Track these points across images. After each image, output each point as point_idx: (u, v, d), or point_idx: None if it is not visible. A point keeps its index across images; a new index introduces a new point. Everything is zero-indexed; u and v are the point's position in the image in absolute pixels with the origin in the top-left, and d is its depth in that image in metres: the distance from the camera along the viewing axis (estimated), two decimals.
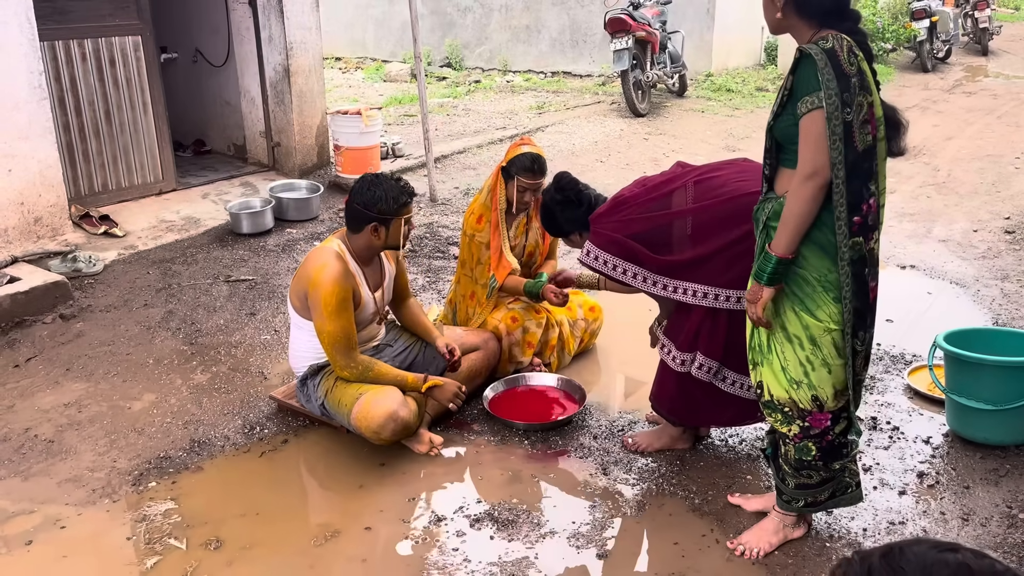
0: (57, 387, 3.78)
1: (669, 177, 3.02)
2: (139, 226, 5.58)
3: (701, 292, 2.87)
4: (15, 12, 4.73)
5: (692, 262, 2.85)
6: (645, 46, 8.89)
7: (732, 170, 2.99)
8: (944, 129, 8.70)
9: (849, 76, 2.24)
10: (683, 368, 3.00)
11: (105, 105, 5.66)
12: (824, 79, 2.23)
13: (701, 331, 2.93)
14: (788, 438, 2.57)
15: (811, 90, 2.27)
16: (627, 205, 2.99)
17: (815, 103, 2.26)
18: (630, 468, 3.17)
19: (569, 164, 7.26)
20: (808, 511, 2.71)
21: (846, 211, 2.31)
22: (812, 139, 2.28)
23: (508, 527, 2.84)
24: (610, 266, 2.95)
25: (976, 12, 13.55)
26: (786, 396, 2.52)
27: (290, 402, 3.49)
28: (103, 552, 2.77)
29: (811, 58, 2.26)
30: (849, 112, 2.25)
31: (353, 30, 13.69)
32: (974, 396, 3.17)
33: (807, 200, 2.31)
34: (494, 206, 3.77)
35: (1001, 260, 5.15)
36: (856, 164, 2.29)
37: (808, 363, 2.46)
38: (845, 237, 2.33)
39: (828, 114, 2.24)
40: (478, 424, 3.49)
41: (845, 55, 2.25)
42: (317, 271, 3.10)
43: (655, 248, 2.89)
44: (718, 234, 2.82)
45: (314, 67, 6.59)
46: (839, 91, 2.23)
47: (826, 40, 2.27)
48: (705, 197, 2.87)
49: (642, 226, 2.92)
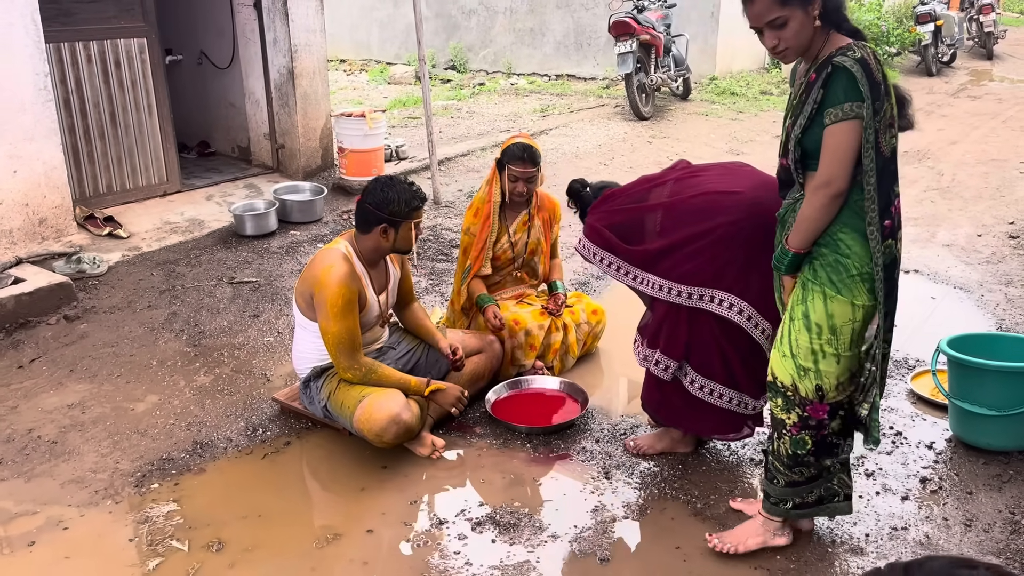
0: (61, 388, 3.79)
1: (662, 173, 3.13)
2: (143, 228, 5.59)
3: (657, 285, 2.92)
4: (21, 14, 4.75)
5: (657, 253, 2.91)
6: (649, 49, 8.90)
7: (719, 171, 3.04)
8: (949, 133, 8.68)
9: (879, 83, 2.27)
10: (645, 364, 3.06)
11: (110, 107, 5.68)
12: (864, 91, 2.25)
13: (663, 328, 2.97)
14: (786, 428, 2.56)
15: (837, 101, 2.27)
16: (615, 198, 3.10)
17: (841, 115, 2.27)
18: (632, 472, 3.16)
19: (573, 167, 7.27)
20: (795, 514, 2.68)
21: (878, 216, 2.34)
22: (832, 149, 2.30)
23: (510, 530, 2.84)
24: (591, 253, 3.07)
25: (981, 16, 13.54)
26: (790, 381, 2.53)
27: (293, 404, 3.50)
28: (105, 553, 2.77)
29: (846, 71, 2.26)
30: (879, 119, 2.27)
31: (357, 32, 13.72)
32: (977, 401, 3.16)
33: (819, 208, 2.36)
34: (488, 198, 3.81)
35: (1005, 265, 5.14)
36: (884, 168, 2.33)
37: (820, 351, 2.45)
38: (878, 242, 2.36)
39: (866, 124, 2.26)
40: (480, 427, 3.49)
41: (874, 62, 2.28)
42: (324, 272, 3.11)
43: (628, 239, 2.99)
44: (683, 228, 2.88)
45: (318, 69, 6.60)
46: (872, 99, 2.25)
47: (853, 50, 2.28)
48: (679, 193, 2.95)
49: (621, 217, 3.02)
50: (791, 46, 2.36)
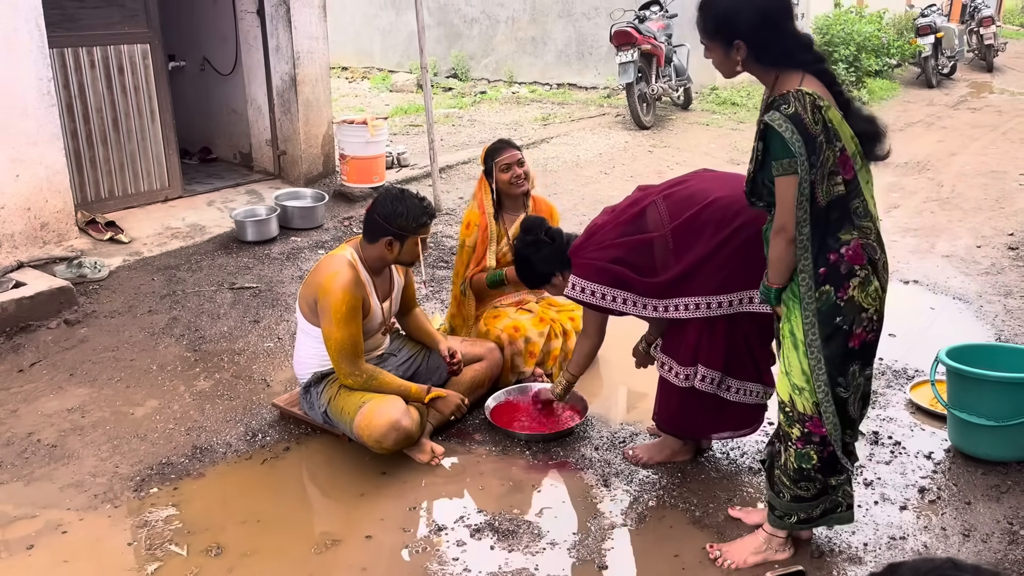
0: (61, 392, 3.79)
1: (634, 199, 3.03)
2: (144, 233, 5.60)
3: (694, 304, 2.87)
4: (25, 19, 4.77)
5: (679, 277, 2.86)
6: (651, 59, 8.93)
7: (696, 180, 3.01)
8: (948, 145, 8.71)
9: (815, 137, 2.28)
10: (687, 383, 2.99)
11: (113, 112, 5.69)
12: (796, 148, 2.28)
13: (700, 343, 2.93)
14: (791, 442, 2.57)
15: (778, 156, 2.32)
16: (602, 231, 2.99)
17: (781, 169, 2.33)
18: (631, 480, 3.17)
19: (573, 176, 7.29)
20: (800, 528, 2.69)
21: (811, 263, 2.38)
22: (781, 199, 2.37)
23: (508, 537, 2.84)
24: (598, 296, 2.95)
25: (981, 29, 13.60)
26: (788, 397, 2.54)
27: (292, 410, 3.50)
28: (104, 557, 2.77)
29: (775, 131, 2.30)
30: (816, 171, 2.31)
31: (360, 40, 13.76)
32: (976, 412, 3.17)
33: (781, 250, 2.42)
34: (481, 210, 3.83)
35: (1004, 276, 5.15)
36: (822, 217, 2.36)
37: (812, 371, 2.46)
38: (810, 288, 2.39)
39: (801, 178, 2.30)
40: (479, 434, 3.49)
41: (809, 115, 2.28)
42: (329, 278, 3.12)
43: (640, 271, 2.89)
44: (698, 244, 2.84)
45: (321, 76, 6.62)
46: (808, 154, 2.28)
47: (787, 104, 2.29)
48: (678, 210, 2.89)
49: (623, 249, 2.91)
50: (719, 71, 2.51)
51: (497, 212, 3.89)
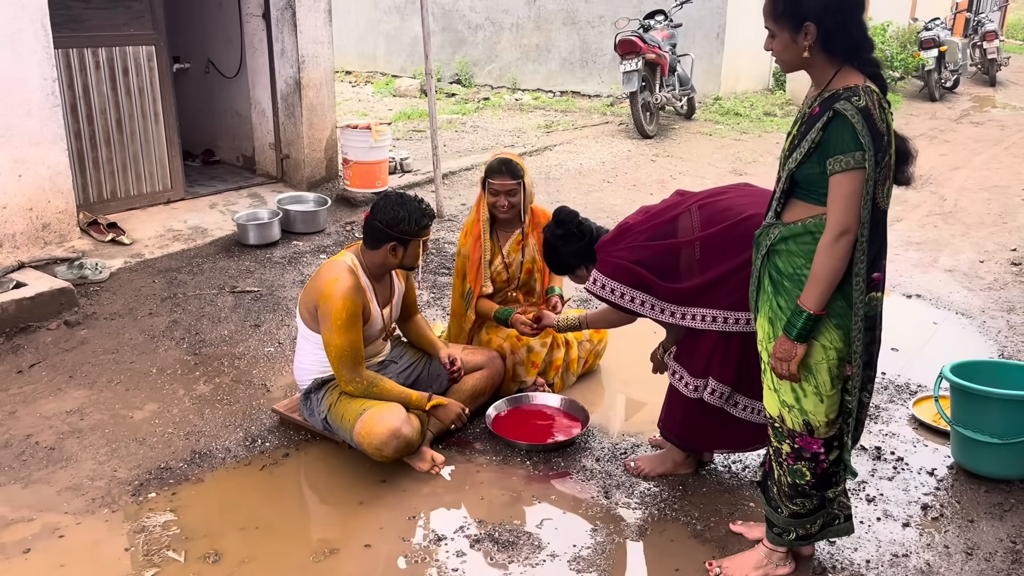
0: (60, 394, 3.77)
1: (671, 203, 3.01)
2: (146, 234, 5.59)
3: (711, 316, 2.86)
4: (31, 20, 4.77)
5: (702, 287, 2.84)
6: (655, 68, 8.93)
7: (735, 193, 2.99)
8: (951, 159, 8.71)
9: (883, 134, 2.22)
10: (695, 394, 2.98)
11: (117, 113, 5.69)
12: (865, 142, 2.19)
13: (714, 356, 2.91)
14: (782, 456, 2.55)
15: (844, 150, 2.22)
16: (632, 232, 2.97)
17: (850, 164, 2.21)
18: (632, 492, 3.15)
19: (576, 184, 7.29)
20: (799, 544, 2.67)
21: (866, 267, 2.30)
22: (844, 198, 2.24)
23: (508, 548, 2.83)
24: (617, 294, 2.94)
25: (984, 43, 13.63)
26: (777, 413, 2.52)
27: (292, 415, 3.48)
28: (101, 562, 2.75)
29: (847, 120, 2.21)
30: (879, 171, 2.23)
31: (364, 44, 13.78)
32: (980, 429, 3.15)
33: (840, 258, 2.28)
34: (477, 218, 3.79)
35: (1007, 292, 5.15)
36: (877, 222, 2.28)
37: (800, 390, 2.44)
38: (862, 293, 2.31)
39: (867, 175, 2.21)
40: (480, 443, 3.47)
41: (878, 111, 2.22)
42: (329, 284, 3.11)
43: (663, 275, 2.88)
44: (726, 258, 2.82)
45: (325, 81, 6.62)
46: (875, 151, 2.20)
47: (859, 96, 2.22)
48: (711, 222, 2.86)
49: (649, 252, 2.90)
50: (778, 60, 2.39)
51: (492, 227, 3.84)
